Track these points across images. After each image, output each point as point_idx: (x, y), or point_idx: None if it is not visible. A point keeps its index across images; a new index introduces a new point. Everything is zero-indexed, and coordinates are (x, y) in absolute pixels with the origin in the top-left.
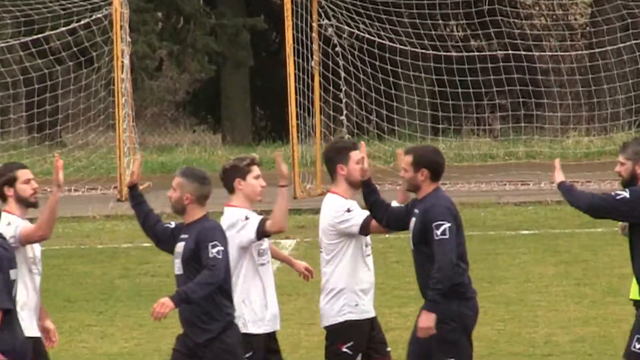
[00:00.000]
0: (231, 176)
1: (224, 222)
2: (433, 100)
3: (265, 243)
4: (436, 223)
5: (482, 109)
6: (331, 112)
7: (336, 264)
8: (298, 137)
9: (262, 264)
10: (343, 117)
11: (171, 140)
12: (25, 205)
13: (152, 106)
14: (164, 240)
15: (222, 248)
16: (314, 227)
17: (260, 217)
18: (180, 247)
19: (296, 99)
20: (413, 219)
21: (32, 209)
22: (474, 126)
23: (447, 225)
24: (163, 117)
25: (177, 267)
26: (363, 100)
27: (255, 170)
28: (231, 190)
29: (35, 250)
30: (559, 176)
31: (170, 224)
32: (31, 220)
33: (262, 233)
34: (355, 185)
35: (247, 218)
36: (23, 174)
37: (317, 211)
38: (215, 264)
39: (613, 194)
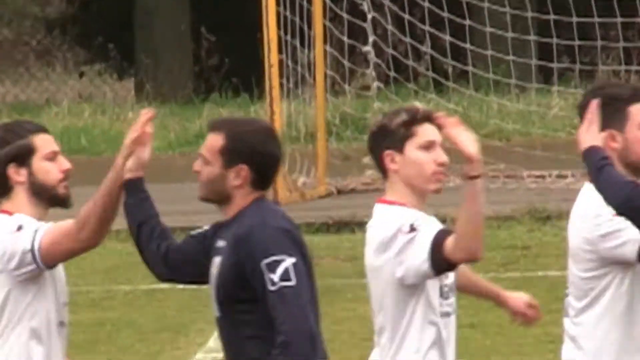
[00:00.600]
0: (379, 146)
1: (374, 237)
2: (543, 16)
3: (451, 277)
4: (268, 261)
5: (635, 34)
6: (345, 38)
7: (597, 310)
8: (281, 86)
9: (447, 314)
10: (368, 48)
11: (40, 91)
12: (46, 200)
13: (4, 28)
14: None
15: None
16: (317, 248)
17: (438, 228)
18: None
19: (277, 11)
20: (216, 260)
21: (59, 208)
22: (619, 65)
23: (289, 261)
24: (24, 48)
25: None
26: (407, 16)
27: (424, 132)
28: (384, 172)
29: (63, 284)
30: (588, 136)
31: None
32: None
33: (439, 262)
34: (637, 169)
35: (412, 229)
36: (44, 143)
37: (326, 226)
38: None
39: None
